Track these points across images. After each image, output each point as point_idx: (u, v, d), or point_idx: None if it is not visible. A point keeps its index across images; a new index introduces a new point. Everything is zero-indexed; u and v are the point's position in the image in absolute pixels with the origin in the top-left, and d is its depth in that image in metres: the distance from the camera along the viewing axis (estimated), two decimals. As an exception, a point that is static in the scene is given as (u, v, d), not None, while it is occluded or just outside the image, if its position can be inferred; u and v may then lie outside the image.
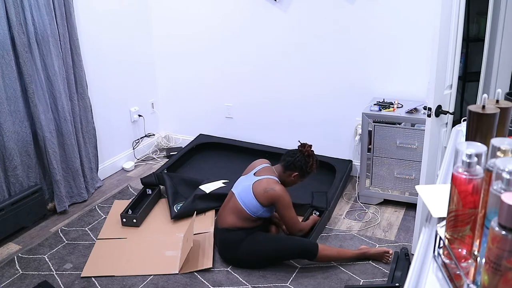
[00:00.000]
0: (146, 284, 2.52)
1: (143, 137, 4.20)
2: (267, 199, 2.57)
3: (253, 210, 2.59)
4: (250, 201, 2.59)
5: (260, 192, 2.58)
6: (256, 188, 2.60)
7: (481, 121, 1.17)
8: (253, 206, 2.59)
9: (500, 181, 0.82)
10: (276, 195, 2.57)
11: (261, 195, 2.57)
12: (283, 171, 2.70)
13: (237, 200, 2.63)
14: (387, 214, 3.19)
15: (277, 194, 2.57)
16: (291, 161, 2.67)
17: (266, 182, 2.60)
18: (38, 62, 2.98)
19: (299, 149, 2.71)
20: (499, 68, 2.70)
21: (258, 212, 2.60)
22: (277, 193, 2.57)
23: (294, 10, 3.50)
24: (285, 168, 2.69)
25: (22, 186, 3.03)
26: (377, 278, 2.54)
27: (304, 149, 2.69)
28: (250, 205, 2.59)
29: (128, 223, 3.05)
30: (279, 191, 2.57)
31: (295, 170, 2.67)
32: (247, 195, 2.60)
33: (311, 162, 2.68)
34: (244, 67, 3.86)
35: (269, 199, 2.57)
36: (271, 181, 2.62)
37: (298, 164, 2.66)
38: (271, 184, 2.60)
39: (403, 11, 3.17)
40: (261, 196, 2.57)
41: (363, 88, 3.47)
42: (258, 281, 2.53)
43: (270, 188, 2.57)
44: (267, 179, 2.62)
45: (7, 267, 2.67)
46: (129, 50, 3.88)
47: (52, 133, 3.13)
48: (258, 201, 2.58)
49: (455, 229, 0.95)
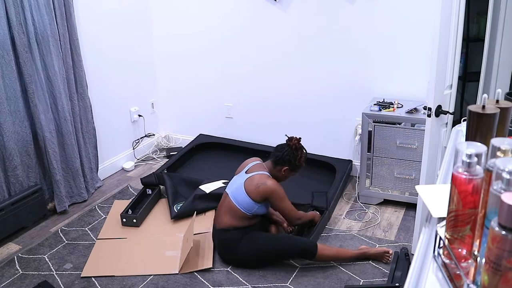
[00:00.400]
0: (146, 284, 2.52)
1: (143, 137, 4.20)
2: (259, 194, 2.56)
3: (247, 208, 2.58)
4: (243, 199, 2.58)
5: (252, 188, 2.57)
6: (248, 185, 2.59)
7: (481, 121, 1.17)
8: (246, 204, 2.58)
9: (500, 181, 0.82)
10: (268, 190, 2.55)
11: (253, 191, 2.56)
12: (274, 167, 2.68)
13: (231, 199, 2.62)
14: (387, 214, 3.19)
15: (269, 188, 2.55)
16: (280, 155, 2.64)
17: (258, 178, 2.59)
18: (38, 62, 2.98)
19: (286, 143, 2.69)
20: (499, 68, 2.70)
21: (253, 209, 2.59)
22: (269, 187, 2.55)
23: (294, 10, 3.50)
24: (275, 163, 2.67)
25: (22, 186, 3.03)
26: (377, 278, 2.54)
27: (291, 142, 2.66)
28: (244, 203, 2.58)
29: (128, 223, 3.05)
30: (271, 185, 2.56)
31: (284, 164, 2.65)
32: (240, 193, 2.60)
33: (299, 155, 2.66)
34: (244, 67, 3.86)
35: (262, 195, 2.56)
36: (262, 176, 2.61)
37: (286, 158, 2.64)
38: (263, 179, 2.58)
39: (403, 11, 3.17)
40: (253, 192, 2.56)
41: (363, 88, 3.47)
42: (258, 281, 2.53)
43: (261, 183, 2.56)
44: (258, 175, 2.62)
45: (7, 267, 2.67)
46: (129, 50, 3.88)
47: (52, 133, 3.13)
48: (251, 198, 2.56)
49: (455, 229, 0.95)
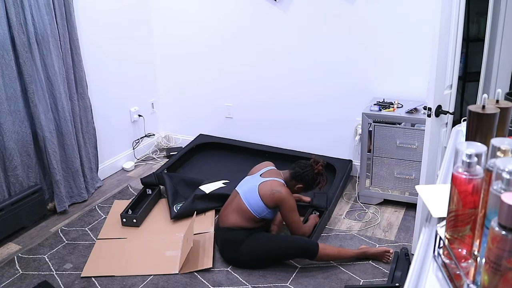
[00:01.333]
0: (146, 284, 2.52)
1: (143, 137, 4.20)
2: (272, 200, 2.58)
3: (258, 211, 2.60)
4: (256, 202, 2.59)
5: (266, 193, 2.58)
6: (262, 189, 2.60)
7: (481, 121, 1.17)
8: (258, 207, 2.59)
9: (500, 181, 0.82)
10: (281, 198, 2.57)
11: (267, 196, 2.58)
12: (290, 179, 2.71)
13: (242, 200, 2.63)
14: (387, 214, 3.19)
15: (282, 197, 2.57)
16: (300, 172, 2.68)
17: (273, 184, 2.61)
18: (38, 62, 2.98)
19: (310, 163, 2.71)
20: (499, 68, 2.70)
21: (263, 213, 2.60)
22: (283, 196, 2.57)
23: (294, 10, 3.50)
24: (292, 177, 2.70)
25: (22, 186, 3.03)
26: (377, 278, 2.54)
27: (316, 166, 2.69)
28: (255, 206, 2.59)
29: (128, 223, 3.05)
30: (285, 193, 2.58)
31: (301, 182, 2.69)
32: (253, 195, 2.61)
33: (318, 180, 2.69)
34: (244, 67, 3.86)
35: (275, 201, 2.58)
36: (277, 183, 2.63)
37: (305, 179, 2.67)
38: (278, 186, 2.61)
39: (403, 11, 3.17)
40: (266, 197, 2.58)
41: (363, 88, 3.47)
42: (258, 281, 2.53)
43: (276, 190, 2.58)
44: (273, 181, 2.64)
45: (7, 267, 2.67)
46: (129, 50, 3.88)
47: (52, 133, 3.13)
48: (263, 202, 2.58)
49: (455, 229, 0.95)
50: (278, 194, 2.57)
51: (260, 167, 2.81)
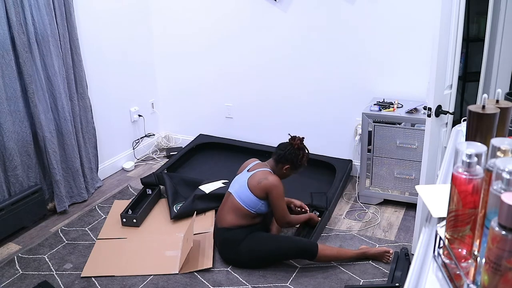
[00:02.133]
0: (146, 284, 2.52)
1: (143, 137, 4.20)
2: (261, 190, 2.59)
3: (251, 205, 2.60)
4: (247, 196, 2.60)
5: (255, 184, 2.60)
6: (251, 182, 2.62)
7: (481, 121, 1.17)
8: (250, 201, 2.60)
9: (500, 181, 0.82)
10: (269, 184, 2.58)
11: (256, 187, 2.59)
12: (275, 165, 2.72)
13: (235, 198, 2.64)
14: (387, 214, 3.19)
15: (270, 183, 2.58)
16: (282, 154, 2.68)
17: (260, 174, 2.63)
18: (38, 62, 2.98)
19: (289, 142, 2.72)
20: (499, 68, 2.70)
21: (256, 206, 2.60)
22: (270, 182, 2.58)
23: (294, 10, 3.50)
24: (277, 161, 2.71)
25: (22, 186, 3.03)
26: (377, 278, 2.54)
27: (294, 141, 2.70)
28: (248, 200, 2.60)
29: (128, 223, 3.05)
30: (272, 180, 2.59)
31: (286, 163, 2.69)
32: (244, 190, 2.62)
33: (301, 155, 2.69)
34: (244, 67, 3.86)
35: (263, 190, 2.59)
36: (265, 172, 2.64)
37: (289, 157, 2.67)
38: (265, 174, 2.62)
39: (403, 11, 3.17)
40: (256, 188, 2.59)
41: (363, 88, 3.47)
42: (258, 281, 2.53)
43: (263, 178, 2.60)
44: (261, 171, 2.65)
45: (7, 267, 2.66)
46: (129, 50, 3.88)
47: (52, 133, 3.13)
48: (254, 194, 2.59)
49: (455, 229, 0.95)
50: (265, 182, 2.58)
51: (246, 164, 2.82)
